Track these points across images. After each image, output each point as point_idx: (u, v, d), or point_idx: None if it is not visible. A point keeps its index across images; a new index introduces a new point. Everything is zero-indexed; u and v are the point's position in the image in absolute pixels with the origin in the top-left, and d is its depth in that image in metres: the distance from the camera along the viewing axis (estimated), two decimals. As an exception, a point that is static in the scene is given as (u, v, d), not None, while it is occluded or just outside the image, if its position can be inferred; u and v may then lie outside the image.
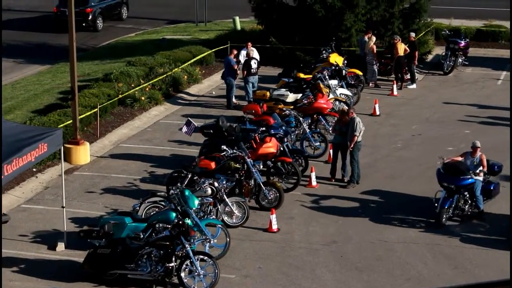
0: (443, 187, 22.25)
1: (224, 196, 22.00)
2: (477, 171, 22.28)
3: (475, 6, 50.19)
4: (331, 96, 30.46)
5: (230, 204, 22.09)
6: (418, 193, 24.23)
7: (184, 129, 26.80)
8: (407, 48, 34.85)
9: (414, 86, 35.09)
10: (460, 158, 22.76)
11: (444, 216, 22.00)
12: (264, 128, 25.46)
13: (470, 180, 22.12)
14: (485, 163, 22.68)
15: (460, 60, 37.75)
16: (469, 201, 22.46)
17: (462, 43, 37.65)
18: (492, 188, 23.05)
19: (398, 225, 22.26)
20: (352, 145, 24.68)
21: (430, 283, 19.28)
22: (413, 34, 35.49)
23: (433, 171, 25.75)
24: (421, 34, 37.87)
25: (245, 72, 32.49)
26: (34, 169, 25.59)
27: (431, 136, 29.20)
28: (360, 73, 33.78)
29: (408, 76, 35.36)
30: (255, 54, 33.12)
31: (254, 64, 32.66)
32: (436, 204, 22.12)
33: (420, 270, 19.98)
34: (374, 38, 35.18)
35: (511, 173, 22.14)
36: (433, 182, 24.40)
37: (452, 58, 37.27)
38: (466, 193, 22.35)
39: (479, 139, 28.39)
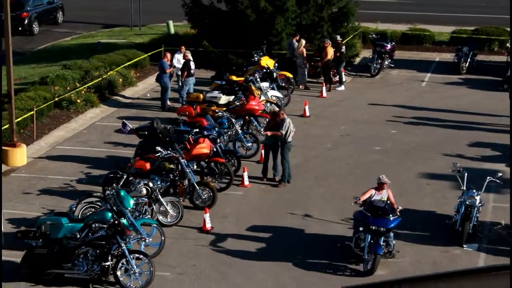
0: (369, 230, 19.72)
1: (159, 196, 21.97)
2: (397, 209, 20.38)
3: (401, 10, 50.71)
4: (262, 98, 30.58)
5: (164, 203, 22.05)
6: (346, 191, 24.42)
7: (120, 130, 26.79)
8: (342, 51, 35.24)
9: (342, 88, 35.35)
10: (367, 195, 20.49)
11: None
12: (197, 130, 25.51)
13: (397, 219, 19.96)
14: (392, 199, 20.61)
15: (387, 63, 38.12)
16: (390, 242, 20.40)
17: (388, 46, 38.03)
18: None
19: (327, 222, 22.39)
20: (269, 133, 24.82)
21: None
22: (339, 37, 35.75)
23: (361, 170, 26.07)
24: (349, 38, 38.15)
25: (186, 73, 32.37)
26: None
27: (359, 136, 29.44)
28: (290, 75, 33.95)
29: (337, 78, 35.62)
30: (190, 56, 33.07)
31: (192, 66, 32.62)
32: (362, 254, 19.72)
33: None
34: (303, 41, 35.35)
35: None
36: (361, 180, 24.68)
37: (379, 60, 37.64)
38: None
39: (405, 138, 28.92)
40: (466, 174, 22.17)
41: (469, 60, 37.60)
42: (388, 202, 20.43)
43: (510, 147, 23.57)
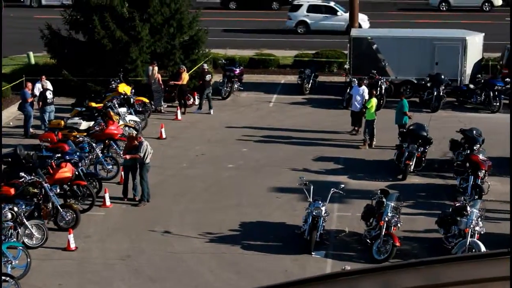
0: None
1: (24, 219, 21.52)
2: None
3: (247, 37, 51.27)
4: (121, 122, 30.37)
5: (29, 226, 21.60)
6: (202, 206, 24.49)
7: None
8: (206, 79, 35.09)
9: (200, 111, 35.27)
10: None
11: None
12: (59, 155, 25.18)
13: None
14: None
15: (236, 86, 38.41)
16: None
17: (237, 70, 38.37)
18: None
19: (186, 237, 22.39)
20: (128, 156, 24.73)
21: (217, 288, 19.54)
22: (206, 65, 35.86)
23: (216, 186, 26.19)
24: (200, 64, 38.29)
25: (41, 103, 31.87)
26: None
27: (213, 155, 29.56)
28: (146, 100, 33.80)
29: (195, 102, 35.69)
30: (49, 85, 32.53)
31: (49, 95, 32.09)
32: None
33: (207, 278, 20.20)
34: (156, 68, 35.33)
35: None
36: (216, 196, 24.81)
37: (229, 84, 37.89)
38: None
39: (255, 155, 29.25)
40: (312, 186, 22.59)
41: (311, 81, 38.30)
42: None
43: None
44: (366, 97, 31.01)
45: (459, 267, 8.27)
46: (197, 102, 35.94)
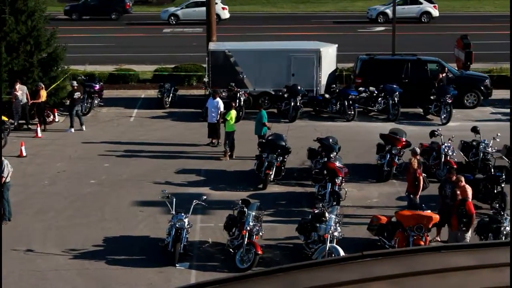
0: None
1: None
2: None
3: (106, 53, 50.83)
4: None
5: None
6: (65, 222, 24.08)
7: None
8: (75, 96, 34.46)
9: (72, 130, 34.44)
10: None
11: None
12: None
13: None
14: None
15: (96, 102, 37.98)
16: None
17: (97, 86, 37.96)
18: None
19: (49, 254, 21.96)
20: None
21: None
22: (75, 83, 35.20)
23: (79, 202, 25.80)
24: (60, 80, 37.68)
25: None
26: None
27: (75, 171, 29.11)
28: (6, 119, 32.96)
29: (55, 119, 35.12)
30: None
31: None
32: None
33: (72, 294, 19.88)
34: (19, 86, 34.52)
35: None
36: (80, 211, 24.45)
37: (89, 100, 37.41)
38: None
39: (117, 170, 29.00)
40: (174, 199, 22.58)
41: (171, 95, 38.28)
42: None
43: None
44: (221, 108, 31.30)
45: (318, 272, 8.45)
46: (57, 119, 35.33)
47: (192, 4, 66.64)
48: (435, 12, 65.38)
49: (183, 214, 21.93)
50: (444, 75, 36.72)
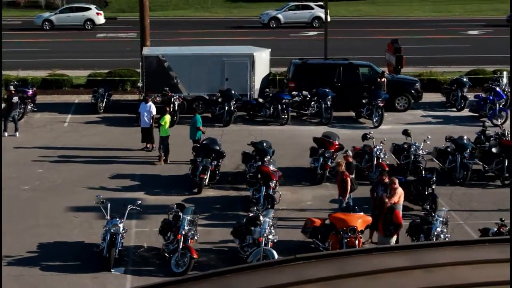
0: None
1: None
2: None
3: (40, 58, 50.24)
4: None
5: None
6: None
7: None
8: (13, 101, 33.99)
9: (6, 134, 33.86)
10: None
11: None
12: None
13: None
14: None
15: (30, 107, 37.48)
16: None
17: (30, 91, 37.49)
18: None
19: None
20: None
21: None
22: (12, 87, 34.70)
23: (13, 208, 25.44)
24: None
25: None
26: None
27: (7, 178, 28.55)
28: None
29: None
30: None
31: None
32: None
33: (6, 301, 19.61)
34: None
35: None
36: (12, 219, 24.11)
37: (22, 105, 36.83)
38: None
39: (51, 176, 28.70)
40: (109, 204, 22.43)
41: (105, 100, 37.99)
42: None
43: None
44: (154, 113, 31.24)
45: (252, 275, 8.51)
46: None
47: (66, 10, 66.42)
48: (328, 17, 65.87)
49: (118, 219, 21.80)
50: (384, 79, 37.09)
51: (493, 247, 10.60)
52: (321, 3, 66.24)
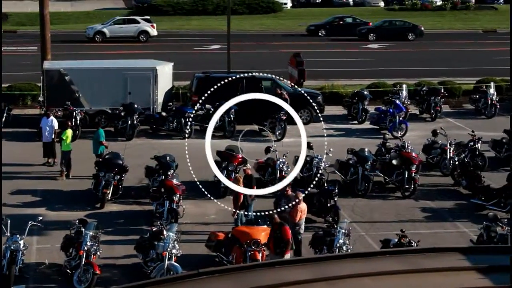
0: None
1: None
2: None
3: None
4: None
5: None
6: None
7: None
8: None
9: None
10: None
11: None
12: None
13: None
14: None
15: None
16: None
17: None
18: None
19: None
20: None
21: None
22: None
23: None
24: None
25: None
26: None
27: None
28: None
29: None
30: None
31: None
32: None
33: None
34: None
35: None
36: None
37: None
38: None
39: None
40: (9, 221, 21.94)
41: (5, 115, 37.02)
42: None
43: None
44: (56, 127, 30.81)
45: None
46: None
47: None
48: (153, 31, 65.94)
49: (18, 236, 21.37)
50: (281, 91, 37.25)
51: (394, 258, 10.74)
52: (148, 17, 66.66)
